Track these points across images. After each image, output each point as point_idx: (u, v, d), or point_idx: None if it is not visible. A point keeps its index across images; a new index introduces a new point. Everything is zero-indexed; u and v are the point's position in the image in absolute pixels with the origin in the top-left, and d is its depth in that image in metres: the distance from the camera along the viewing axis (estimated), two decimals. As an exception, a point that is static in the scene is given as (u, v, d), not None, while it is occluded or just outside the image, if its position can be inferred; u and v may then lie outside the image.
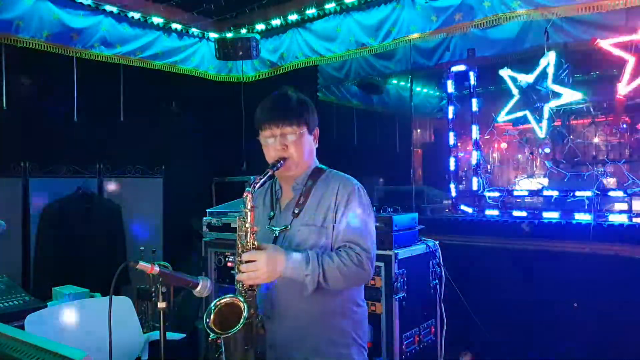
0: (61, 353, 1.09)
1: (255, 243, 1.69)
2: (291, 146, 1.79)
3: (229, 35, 5.42)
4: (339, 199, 1.78)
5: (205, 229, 3.93)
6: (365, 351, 1.88)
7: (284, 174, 1.85)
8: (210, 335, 1.61)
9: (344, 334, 1.80)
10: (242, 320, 1.59)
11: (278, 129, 1.78)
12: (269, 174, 1.73)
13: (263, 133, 1.83)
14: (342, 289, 1.77)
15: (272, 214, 1.90)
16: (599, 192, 4.38)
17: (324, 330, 1.77)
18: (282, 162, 1.77)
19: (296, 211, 1.82)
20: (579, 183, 4.70)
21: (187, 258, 4.78)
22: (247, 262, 1.65)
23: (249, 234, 1.68)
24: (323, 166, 1.94)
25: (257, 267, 1.63)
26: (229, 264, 3.72)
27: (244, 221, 1.69)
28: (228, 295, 1.65)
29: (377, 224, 2.86)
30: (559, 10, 3.83)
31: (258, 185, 1.70)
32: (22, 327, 2.29)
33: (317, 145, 1.92)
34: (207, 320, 1.60)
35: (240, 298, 1.64)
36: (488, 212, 5.02)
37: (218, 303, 1.63)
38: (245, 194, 1.69)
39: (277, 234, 1.84)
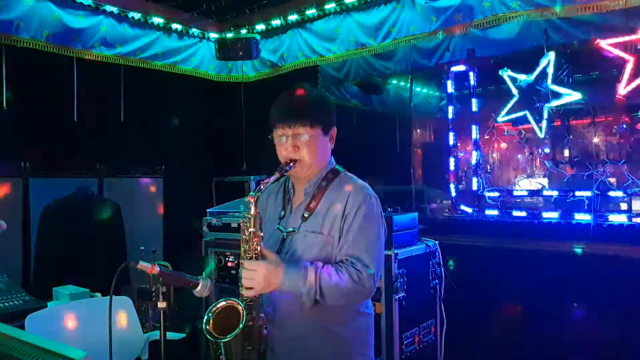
0: (61, 353, 1.09)
1: (258, 248, 1.66)
2: (303, 147, 1.72)
3: (229, 35, 5.42)
4: (347, 209, 1.71)
5: (205, 229, 3.93)
6: None
7: (293, 174, 1.80)
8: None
9: (345, 343, 1.74)
10: (239, 325, 1.59)
11: (290, 129, 1.72)
12: (275, 177, 1.70)
13: (276, 131, 1.77)
14: (342, 304, 1.71)
15: (282, 213, 1.86)
16: (599, 192, 4.37)
17: (325, 339, 1.72)
18: (292, 164, 1.71)
19: (305, 215, 1.77)
20: (579, 183, 4.70)
21: (187, 258, 4.78)
22: (246, 269, 1.63)
23: (252, 240, 1.66)
24: (339, 167, 1.87)
25: (255, 277, 1.61)
26: (229, 264, 3.72)
27: (247, 226, 1.66)
28: (225, 299, 1.65)
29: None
30: (559, 10, 3.83)
31: (264, 189, 1.68)
32: (22, 327, 2.30)
33: (332, 147, 1.85)
34: (207, 325, 1.59)
35: (238, 301, 1.64)
36: (488, 212, 5.03)
37: (215, 308, 1.62)
38: (248, 199, 1.66)
39: (284, 236, 1.80)
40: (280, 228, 1.82)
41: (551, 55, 4.65)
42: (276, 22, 5.23)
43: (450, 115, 5.52)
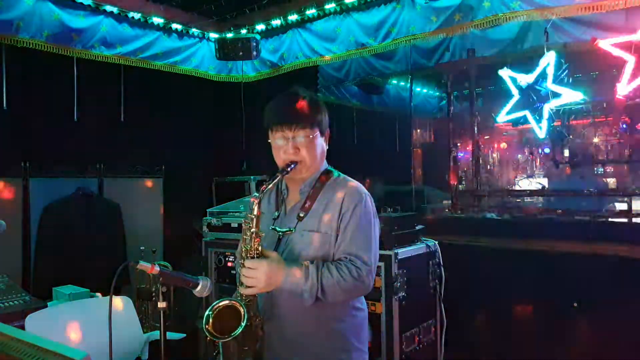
0: (61, 353, 1.09)
1: (260, 249, 1.67)
2: (303, 149, 1.75)
3: (229, 35, 5.42)
4: (344, 209, 1.75)
5: (205, 229, 3.93)
6: (366, 354, 1.85)
7: (293, 176, 1.82)
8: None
9: (343, 339, 1.78)
10: (241, 325, 1.59)
11: (290, 132, 1.74)
12: (277, 178, 1.72)
13: (274, 134, 1.78)
14: (341, 301, 1.76)
15: (276, 214, 1.88)
16: (599, 192, 4.38)
17: (323, 335, 1.75)
18: (292, 166, 1.74)
19: (301, 215, 1.79)
20: (579, 183, 4.70)
21: (187, 258, 4.78)
22: (247, 268, 1.65)
23: (253, 240, 1.67)
24: (332, 169, 1.91)
25: (256, 275, 1.63)
26: (229, 264, 3.72)
27: (249, 226, 1.67)
28: (226, 298, 1.65)
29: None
30: (559, 10, 3.83)
31: (266, 191, 1.70)
32: (22, 327, 2.29)
33: (327, 147, 1.88)
34: (206, 325, 1.59)
35: (239, 301, 1.64)
36: (488, 212, 5.02)
37: (216, 307, 1.62)
38: (252, 199, 1.68)
39: (280, 236, 1.81)
40: (276, 228, 1.83)
41: (551, 55, 4.64)
42: (276, 22, 5.23)
43: (450, 115, 5.52)
